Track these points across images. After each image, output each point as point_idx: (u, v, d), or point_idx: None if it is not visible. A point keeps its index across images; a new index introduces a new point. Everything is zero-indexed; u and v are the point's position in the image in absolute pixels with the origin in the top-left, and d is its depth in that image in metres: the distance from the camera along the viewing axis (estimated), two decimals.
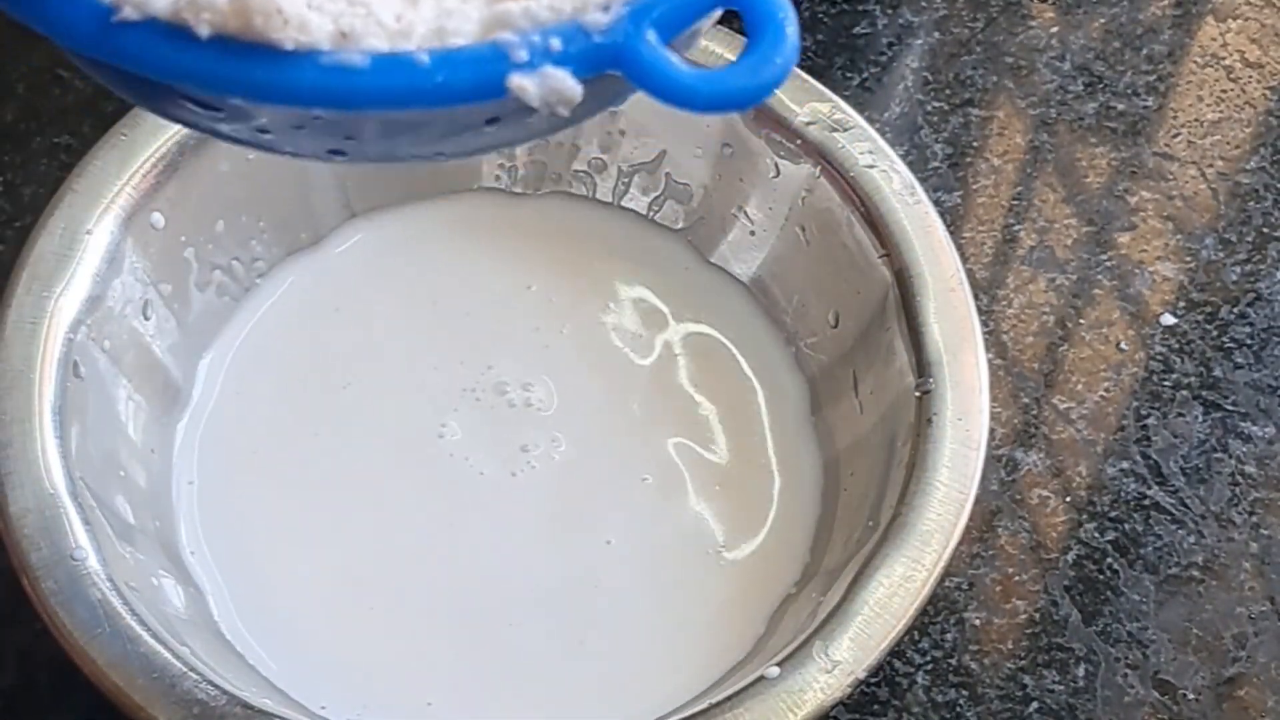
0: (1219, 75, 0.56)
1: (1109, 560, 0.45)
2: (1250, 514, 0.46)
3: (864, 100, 0.54)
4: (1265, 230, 0.52)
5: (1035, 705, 0.42)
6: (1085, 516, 0.46)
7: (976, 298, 0.42)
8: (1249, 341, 0.50)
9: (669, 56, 0.23)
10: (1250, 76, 0.56)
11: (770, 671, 0.35)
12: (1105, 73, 0.56)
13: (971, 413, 0.40)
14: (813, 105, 0.44)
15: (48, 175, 0.50)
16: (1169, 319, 0.50)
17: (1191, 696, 0.43)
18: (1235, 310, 0.50)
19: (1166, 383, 0.49)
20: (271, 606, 0.41)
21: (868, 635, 0.36)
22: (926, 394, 0.40)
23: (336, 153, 0.25)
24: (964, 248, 0.50)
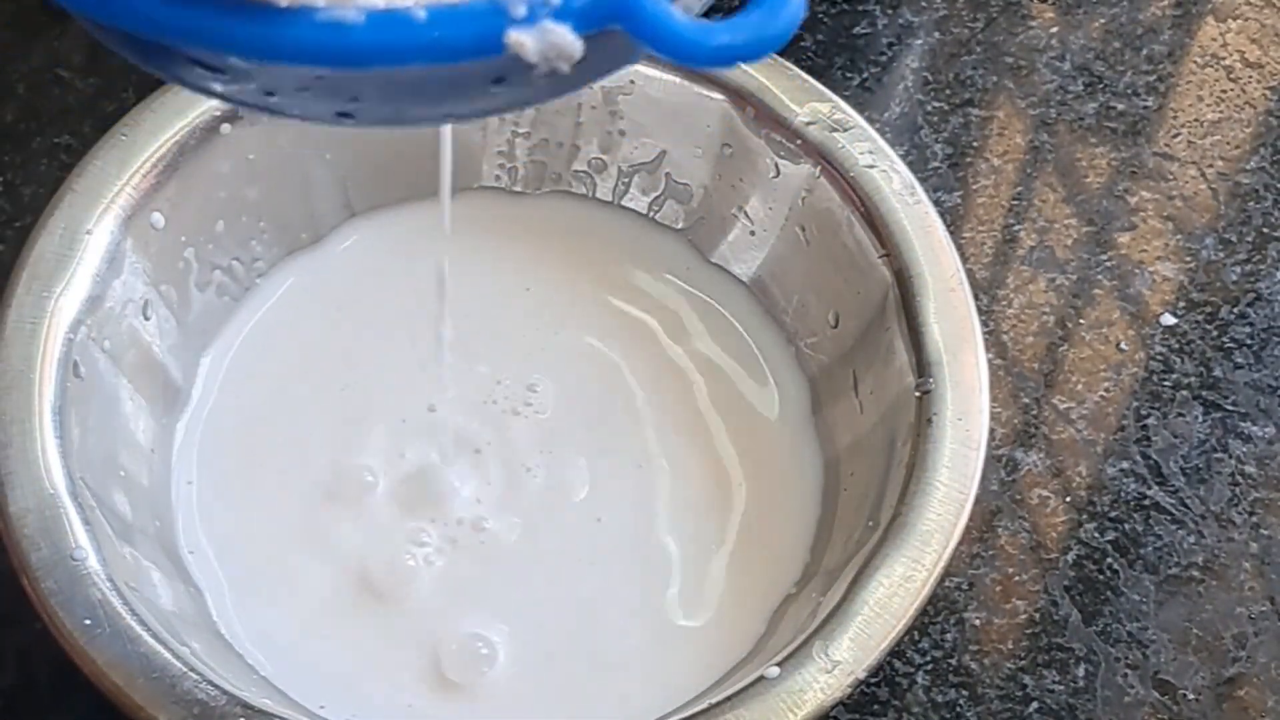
0: (1219, 75, 0.56)
1: (1109, 560, 0.45)
2: (1250, 514, 0.46)
3: (864, 100, 0.54)
4: (1265, 230, 0.52)
5: (1035, 705, 0.42)
6: (1085, 516, 0.46)
7: (976, 298, 0.42)
8: (1249, 341, 0.50)
9: (671, 9, 0.22)
10: (1250, 76, 0.56)
11: (770, 671, 0.35)
12: (1105, 73, 0.56)
13: (971, 413, 0.40)
14: (813, 105, 0.44)
15: (48, 175, 0.50)
16: (1169, 319, 0.50)
17: (1191, 696, 0.43)
18: (1235, 310, 0.50)
19: (1166, 383, 0.49)
20: (271, 606, 0.41)
21: (868, 635, 0.36)
22: (926, 394, 0.40)
23: (345, 115, 0.25)
24: (964, 248, 0.50)
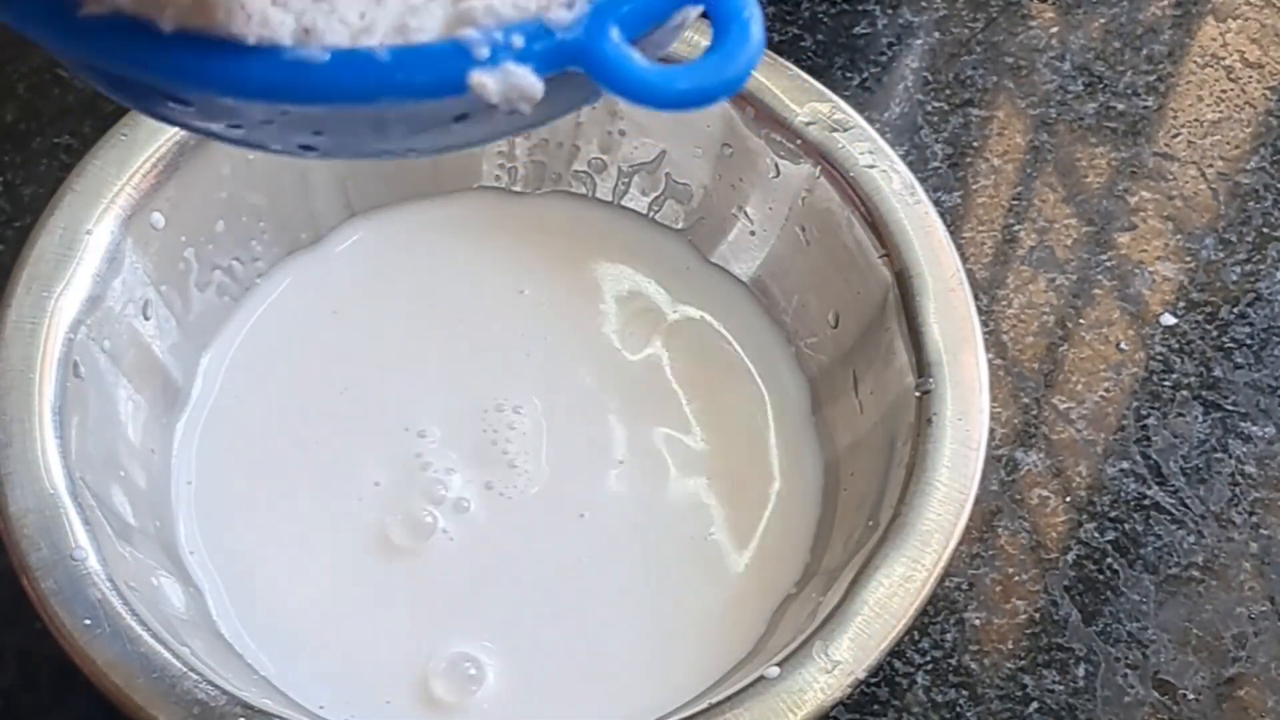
0: (1219, 75, 0.56)
1: (1109, 560, 0.45)
2: (1250, 514, 0.46)
3: (864, 100, 0.54)
4: (1265, 230, 0.52)
5: (1035, 705, 0.42)
6: (1085, 516, 0.46)
7: (976, 298, 0.42)
8: (1249, 341, 0.50)
9: (631, 54, 0.23)
10: (1250, 76, 0.56)
11: (770, 671, 0.35)
12: (1105, 73, 0.56)
13: (971, 413, 0.40)
14: (813, 105, 0.44)
15: (48, 175, 0.50)
16: (1169, 319, 0.50)
17: (1191, 696, 0.43)
18: (1235, 310, 0.50)
19: (1166, 383, 0.49)
20: (270, 606, 0.41)
21: (868, 635, 0.36)
22: (926, 394, 0.40)
23: (307, 148, 0.25)
24: (964, 248, 0.50)
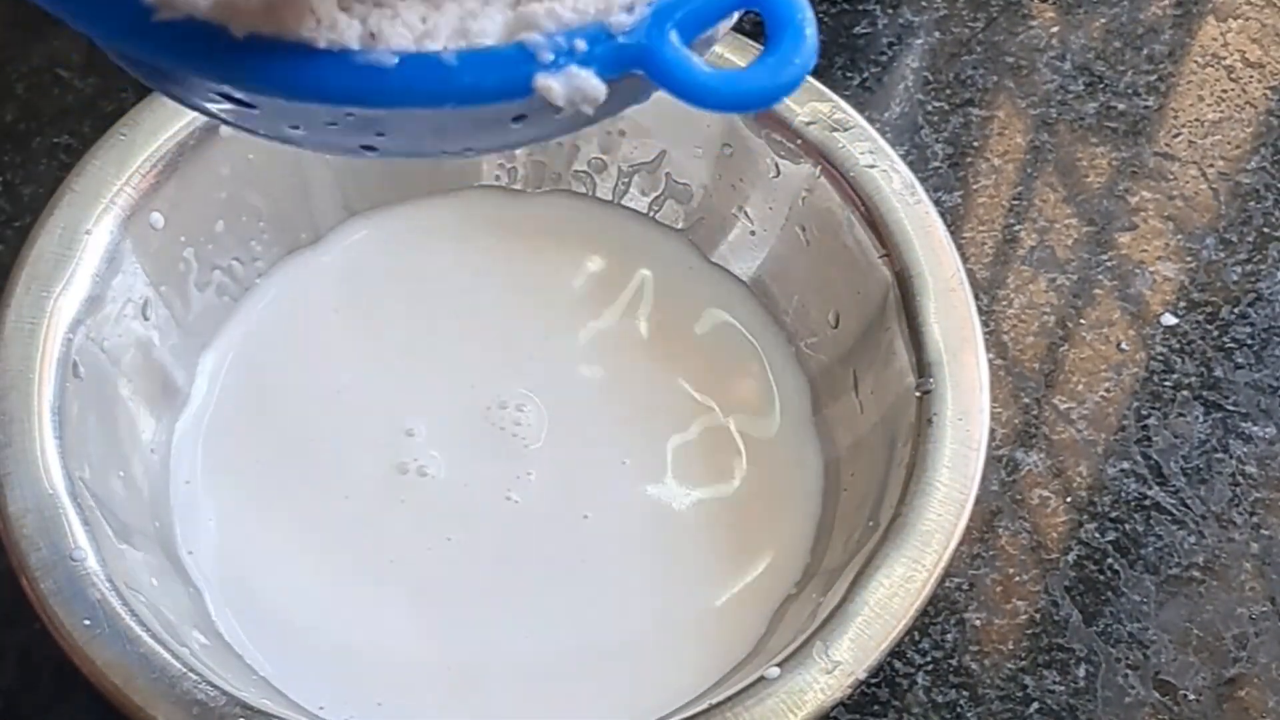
0: (1219, 75, 0.56)
1: (1109, 560, 0.45)
2: (1251, 514, 0.46)
3: (864, 100, 0.54)
4: (1266, 230, 0.52)
5: (1036, 706, 0.42)
6: (1086, 517, 0.46)
7: (977, 298, 0.42)
8: (1250, 341, 0.50)
9: (690, 57, 0.23)
10: (1251, 76, 0.56)
11: (770, 671, 0.35)
12: (1106, 72, 0.56)
13: (972, 413, 0.40)
14: (813, 105, 0.44)
15: (47, 175, 0.50)
16: (1169, 319, 0.50)
17: (1192, 697, 0.43)
18: (1236, 310, 0.50)
19: (1167, 383, 0.48)
20: (269, 607, 0.41)
21: (868, 635, 0.36)
22: (927, 394, 0.40)
23: (368, 149, 0.26)
24: (964, 248, 0.50)
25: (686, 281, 0.47)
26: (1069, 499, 0.46)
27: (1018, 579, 0.44)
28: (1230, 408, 0.48)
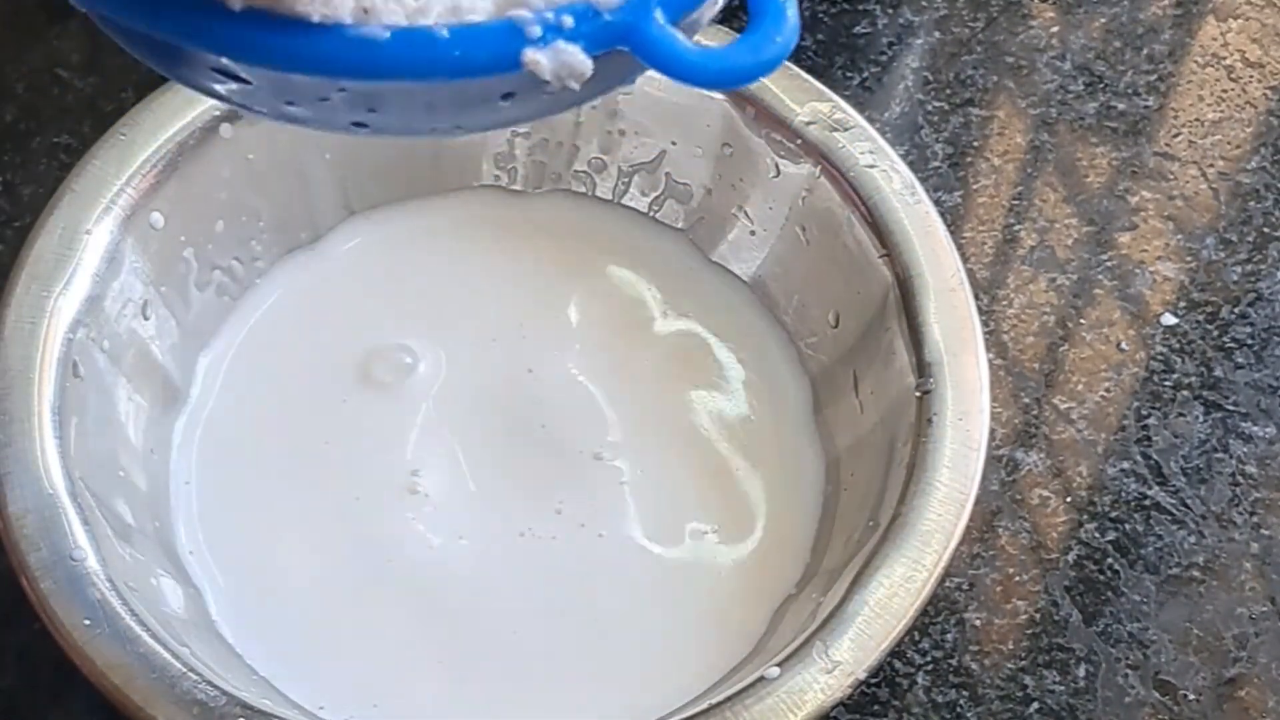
0: (1220, 75, 0.56)
1: (1109, 560, 0.45)
2: (1251, 514, 0.46)
3: (864, 100, 0.54)
4: (1266, 230, 0.52)
5: (1036, 706, 0.42)
6: (1086, 517, 0.46)
7: (977, 298, 0.42)
8: (1250, 341, 0.50)
9: (675, 35, 0.24)
10: (1251, 76, 0.56)
11: (770, 671, 0.35)
12: (1106, 72, 0.56)
13: (972, 413, 0.40)
14: (813, 105, 0.44)
15: (47, 175, 0.50)
16: (1169, 319, 0.50)
17: (1192, 697, 0.43)
18: (1236, 310, 0.50)
19: (1167, 383, 0.48)
20: (269, 607, 0.41)
21: (868, 635, 0.36)
22: (927, 394, 0.40)
23: (359, 125, 0.26)
24: (964, 248, 0.50)
25: (686, 281, 0.47)
26: (1069, 499, 0.46)
27: (1018, 579, 0.44)
28: (1230, 408, 0.48)
